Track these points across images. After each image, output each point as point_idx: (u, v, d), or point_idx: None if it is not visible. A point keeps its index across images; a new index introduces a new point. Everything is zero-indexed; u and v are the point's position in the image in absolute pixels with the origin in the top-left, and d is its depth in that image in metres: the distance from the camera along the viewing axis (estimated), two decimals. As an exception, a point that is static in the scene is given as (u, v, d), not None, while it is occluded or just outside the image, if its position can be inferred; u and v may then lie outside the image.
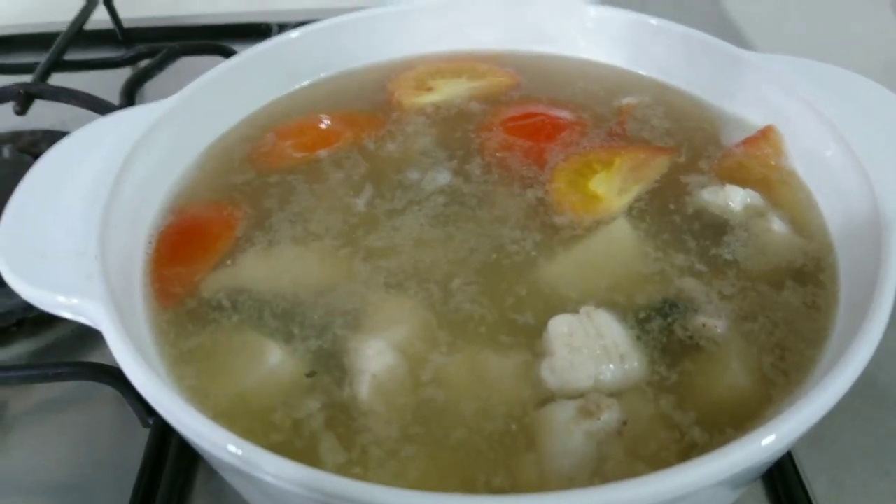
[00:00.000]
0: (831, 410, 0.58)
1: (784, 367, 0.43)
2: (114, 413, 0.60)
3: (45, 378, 0.61)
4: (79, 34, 1.03)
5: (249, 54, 0.64)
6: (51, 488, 0.57)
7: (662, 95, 0.67)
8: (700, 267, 0.50)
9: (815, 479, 0.55)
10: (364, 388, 0.43)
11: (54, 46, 0.96)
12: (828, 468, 0.56)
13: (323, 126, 0.63)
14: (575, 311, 0.45)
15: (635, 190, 0.54)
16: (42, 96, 0.87)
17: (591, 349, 0.43)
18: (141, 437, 0.58)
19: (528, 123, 0.62)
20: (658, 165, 0.57)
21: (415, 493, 0.33)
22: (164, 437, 0.57)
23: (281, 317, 0.48)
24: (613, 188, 0.54)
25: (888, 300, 0.40)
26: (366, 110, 0.65)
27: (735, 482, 0.41)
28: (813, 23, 0.92)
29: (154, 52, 1.00)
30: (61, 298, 0.42)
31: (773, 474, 0.55)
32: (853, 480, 0.55)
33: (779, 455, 0.41)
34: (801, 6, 0.95)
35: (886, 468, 0.56)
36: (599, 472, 0.39)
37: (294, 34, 0.66)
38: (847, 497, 0.54)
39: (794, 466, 0.55)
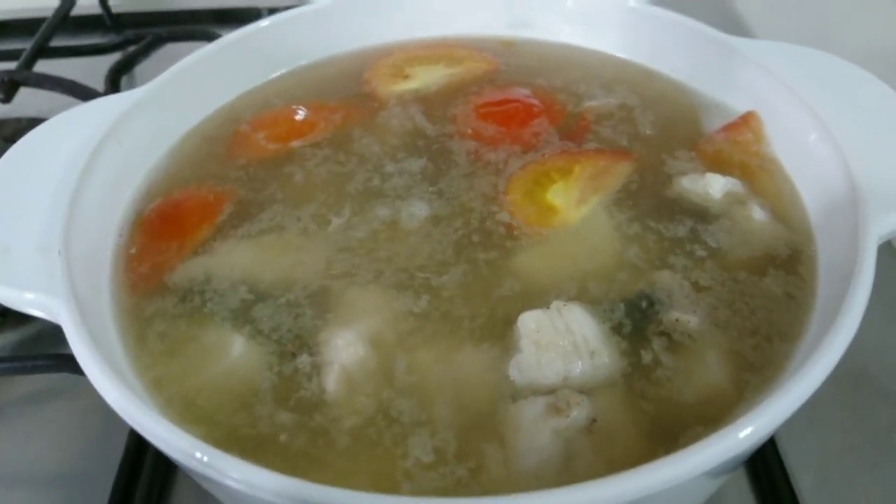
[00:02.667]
0: (819, 403, 0.58)
1: (759, 362, 0.42)
2: (98, 404, 0.60)
3: (25, 370, 0.61)
4: (66, 20, 1.02)
5: (223, 43, 0.63)
6: (35, 478, 0.57)
7: (644, 81, 0.65)
8: (677, 258, 0.49)
9: (801, 472, 0.54)
10: (332, 380, 0.42)
11: (39, 32, 0.95)
12: (815, 461, 0.55)
13: (298, 117, 0.62)
14: (546, 305, 0.44)
15: (594, 200, 0.53)
16: (27, 83, 0.86)
17: (560, 346, 0.42)
18: (125, 428, 0.58)
19: (502, 110, 0.61)
20: (619, 172, 0.55)
21: (380, 497, 0.32)
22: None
23: (250, 308, 0.47)
24: (571, 199, 0.52)
25: (863, 295, 0.39)
26: (342, 99, 0.64)
27: (714, 474, 0.40)
28: (818, 12, 0.91)
29: (142, 38, 0.99)
30: (24, 295, 0.42)
31: (757, 467, 0.54)
32: (840, 474, 0.55)
33: (755, 447, 0.40)
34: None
35: (874, 461, 0.55)
36: (567, 469, 0.38)
37: (264, 23, 0.65)
38: (833, 490, 0.54)
39: (780, 459, 0.54)
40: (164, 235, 0.53)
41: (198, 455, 0.34)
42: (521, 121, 0.60)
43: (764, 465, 0.54)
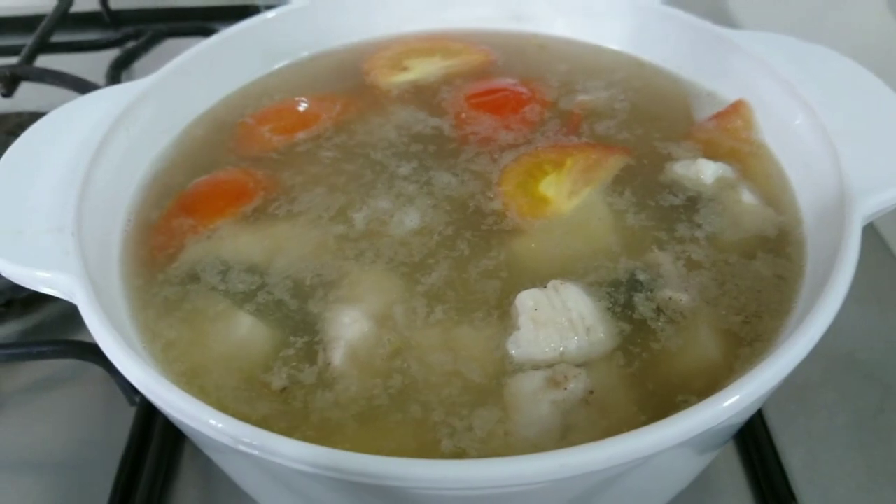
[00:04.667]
0: (808, 385, 0.60)
1: (748, 338, 0.44)
2: (102, 391, 0.62)
3: (31, 356, 0.62)
4: (66, 16, 1.03)
5: (226, 35, 0.64)
6: (39, 466, 0.58)
7: (636, 71, 0.67)
8: (669, 239, 0.50)
9: (791, 451, 0.56)
10: (338, 354, 0.43)
11: (40, 28, 0.96)
12: (804, 441, 0.57)
13: (300, 109, 0.64)
14: (544, 285, 0.46)
15: (585, 192, 0.54)
16: (28, 78, 0.87)
17: (557, 322, 0.43)
18: (129, 415, 0.59)
19: (492, 99, 0.62)
20: (611, 166, 0.56)
21: (388, 460, 0.33)
22: (150, 415, 0.58)
23: (259, 288, 0.48)
24: (563, 191, 0.54)
25: (847, 272, 0.40)
26: (342, 91, 0.66)
27: (702, 444, 0.41)
28: (806, 6, 0.93)
29: (141, 34, 1.00)
30: (38, 274, 0.43)
31: (748, 446, 0.56)
32: (828, 453, 0.56)
33: (740, 418, 0.42)
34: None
35: (861, 442, 0.57)
36: (565, 439, 0.39)
37: (270, 14, 0.66)
38: (821, 469, 0.55)
39: (770, 438, 0.56)
40: (183, 216, 0.54)
41: (213, 422, 0.35)
42: (512, 109, 0.61)
43: (755, 443, 0.56)
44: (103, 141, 0.51)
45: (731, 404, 0.35)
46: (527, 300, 0.44)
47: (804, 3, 0.94)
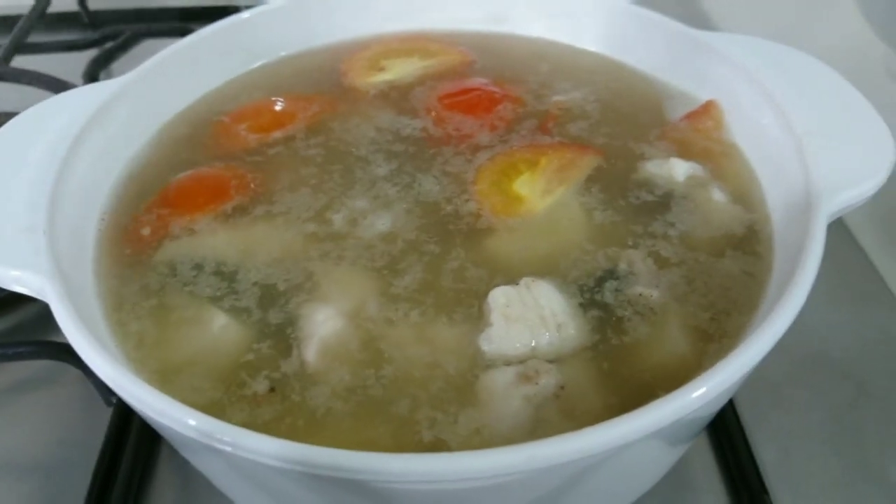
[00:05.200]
0: (782, 383, 0.60)
1: (717, 333, 0.44)
2: (79, 392, 0.61)
3: (6, 357, 0.62)
4: (43, 16, 1.02)
5: (203, 34, 0.64)
6: (15, 467, 0.57)
7: (612, 72, 0.67)
8: (641, 237, 0.51)
9: (764, 448, 0.57)
10: (312, 352, 0.44)
11: (17, 28, 0.96)
12: (777, 437, 0.58)
13: (277, 108, 0.64)
14: (516, 282, 0.46)
15: (559, 192, 0.54)
16: (4, 79, 0.87)
17: (529, 319, 0.44)
18: (105, 415, 0.58)
19: (465, 99, 0.63)
20: (585, 165, 0.56)
21: (363, 454, 0.33)
22: (126, 415, 0.58)
23: (232, 288, 0.48)
24: (537, 190, 0.54)
25: (811, 268, 0.41)
26: (320, 91, 0.66)
27: (668, 437, 0.42)
28: (782, 12, 0.94)
29: (120, 34, 1.00)
30: (9, 272, 0.43)
31: (722, 442, 0.56)
32: (801, 449, 0.57)
33: (704, 412, 0.42)
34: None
35: (833, 438, 0.58)
36: (536, 433, 0.40)
37: (247, 14, 0.66)
38: (794, 464, 0.56)
39: (744, 435, 0.56)
40: (160, 214, 0.54)
41: (191, 422, 0.35)
42: (485, 109, 0.61)
43: (728, 439, 0.56)
44: (77, 139, 0.51)
45: (698, 396, 0.35)
46: (499, 297, 0.45)
47: (779, 7, 0.95)
